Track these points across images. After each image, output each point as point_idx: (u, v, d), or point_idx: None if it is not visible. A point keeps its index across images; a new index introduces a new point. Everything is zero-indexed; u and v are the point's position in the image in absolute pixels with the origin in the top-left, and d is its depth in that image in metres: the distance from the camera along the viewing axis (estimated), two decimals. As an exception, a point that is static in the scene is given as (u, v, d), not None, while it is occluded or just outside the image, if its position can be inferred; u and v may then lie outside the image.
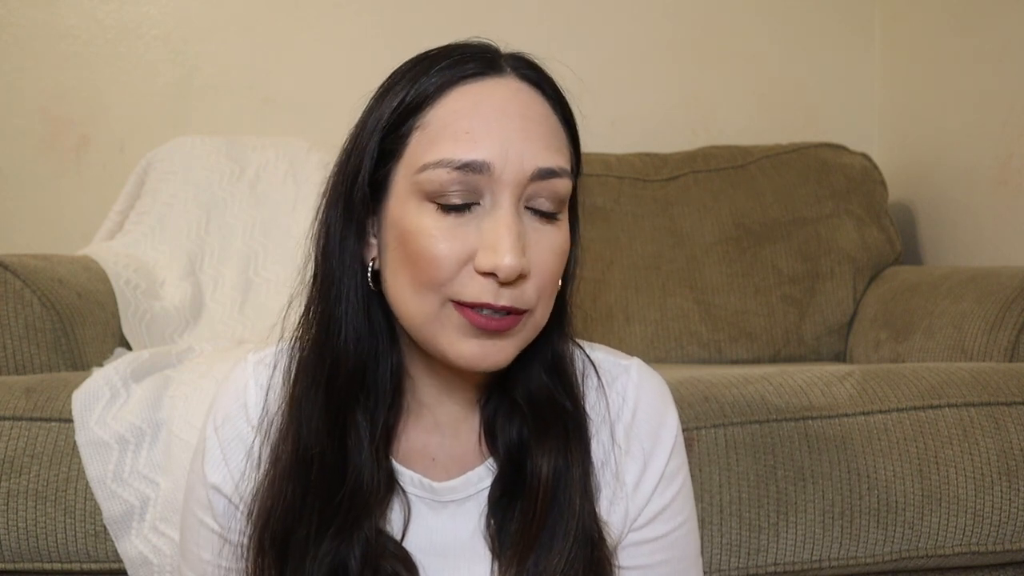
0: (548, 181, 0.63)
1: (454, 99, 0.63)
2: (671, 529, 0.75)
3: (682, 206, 1.79)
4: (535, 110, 0.64)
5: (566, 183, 0.64)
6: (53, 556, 0.98)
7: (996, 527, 0.98)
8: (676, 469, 0.75)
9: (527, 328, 0.65)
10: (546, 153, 0.63)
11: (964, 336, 1.35)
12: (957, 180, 1.82)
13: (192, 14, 2.01)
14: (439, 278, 0.62)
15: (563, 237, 0.65)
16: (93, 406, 1.01)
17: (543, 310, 0.65)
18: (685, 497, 0.76)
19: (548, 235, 0.64)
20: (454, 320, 0.62)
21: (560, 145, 0.65)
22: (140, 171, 1.72)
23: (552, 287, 0.65)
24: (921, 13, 1.96)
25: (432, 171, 0.61)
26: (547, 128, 0.64)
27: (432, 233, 0.61)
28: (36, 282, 1.23)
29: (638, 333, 1.70)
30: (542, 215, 0.64)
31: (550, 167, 0.63)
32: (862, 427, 0.99)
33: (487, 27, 2.38)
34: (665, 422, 0.74)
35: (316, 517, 0.66)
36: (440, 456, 0.72)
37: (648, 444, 0.73)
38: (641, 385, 0.74)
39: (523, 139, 0.62)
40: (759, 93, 2.12)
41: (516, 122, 0.62)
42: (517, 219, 0.62)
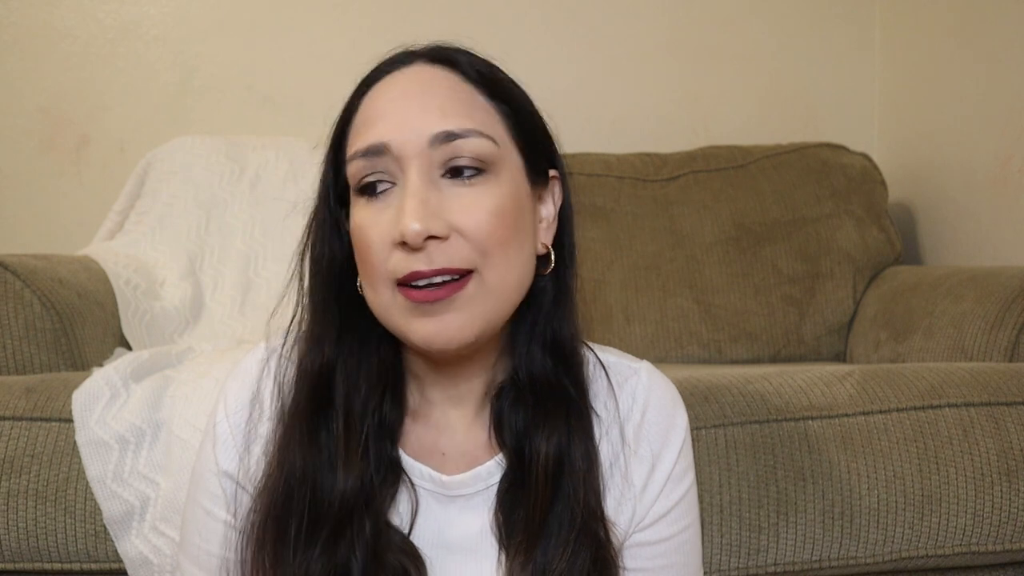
0: (451, 144, 0.64)
1: (367, 100, 0.68)
2: (675, 532, 0.75)
3: (682, 206, 1.79)
4: (437, 84, 0.66)
5: (479, 143, 0.65)
6: (53, 556, 0.98)
7: (996, 527, 0.98)
8: (683, 471, 0.75)
9: (480, 295, 0.64)
10: (443, 118, 0.64)
11: (964, 336, 1.35)
12: (957, 180, 1.82)
13: (192, 14, 2.01)
14: (378, 264, 0.64)
15: (496, 195, 0.65)
16: (93, 406, 1.01)
17: (499, 271, 0.65)
18: (691, 501, 0.76)
19: (473, 195, 0.64)
20: (401, 304, 0.64)
21: (468, 111, 0.66)
22: (140, 171, 1.72)
23: (500, 247, 0.64)
24: (921, 13, 1.96)
25: (350, 165, 0.66)
26: (449, 97, 0.66)
27: (363, 223, 0.65)
28: (36, 282, 1.23)
29: (638, 333, 1.70)
30: (460, 177, 0.65)
31: (446, 130, 0.64)
32: (862, 427, 0.99)
33: (487, 27, 2.38)
34: (675, 423, 0.75)
35: (303, 532, 0.67)
36: (450, 451, 0.72)
37: (657, 445, 0.74)
38: (651, 387, 0.75)
39: (419, 112, 0.65)
40: (759, 93, 2.12)
41: (414, 99, 0.65)
42: (423, 186, 0.63)
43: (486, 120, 0.67)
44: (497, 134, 0.67)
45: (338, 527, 0.67)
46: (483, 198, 0.64)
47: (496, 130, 0.67)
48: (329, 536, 0.67)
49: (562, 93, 2.06)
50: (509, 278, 0.65)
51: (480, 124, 0.66)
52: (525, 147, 0.69)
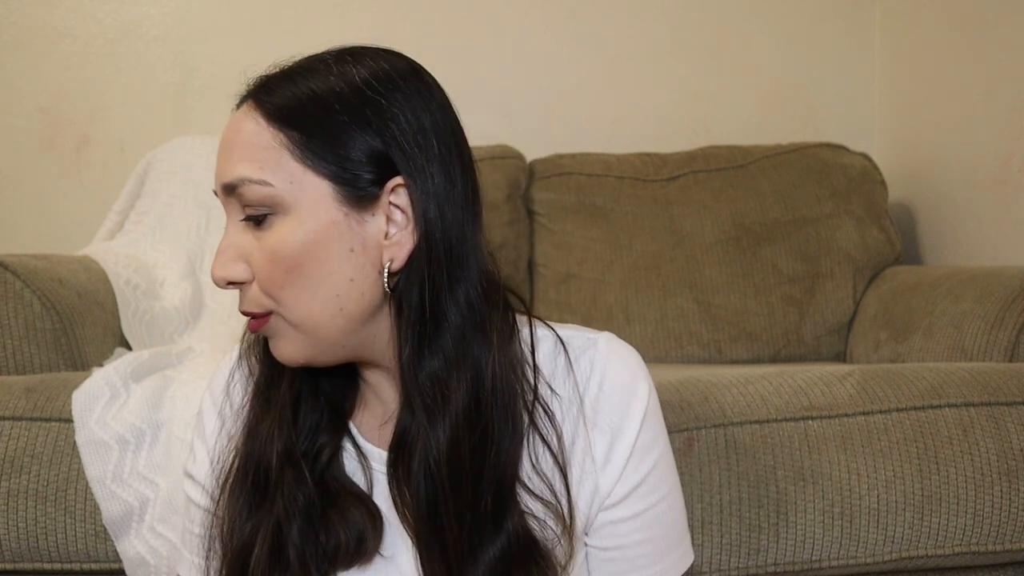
0: (236, 195, 0.66)
1: None
2: (649, 505, 0.73)
3: (682, 206, 1.79)
4: (239, 130, 0.68)
5: (252, 189, 0.65)
6: (53, 556, 0.98)
7: (996, 527, 0.98)
8: (650, 443, 0.73)
9: (288, 326, 0.68)
10: (227, 169, 0.67)
11: (964, 336, 1.35)
12: (957, 180, 1.82)
13: (192, 14, 2.01)
14: None
15: (278, 239, 0.66)
16: (93, 406, 1.01)
17: (295, 307, 0.67)
18: (663, 471, 0.74)
19: (260, 240, 0.67)
20: None
21: (249, 154, 0.66)
22: (140, 171, 1.72)
23: (280, 286, 0.66)
24: (921, 13, 1.96)
25: None
26: (238, 143, 0.67)
27: None
28: (36, 282, 1.23)
29: (638, 333, 1.70)
30: (252, 223, 0.67)
31: (228, 181, 0.67)
32: (862, 427, 0.99)
33: (487, 27, 2.38)
34: (636, 393, 0.72)
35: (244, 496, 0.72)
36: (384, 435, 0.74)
37: (616, 418, 0.72)
38: (608, 356, 0.73)
39: (220, 163, 0.68)
40: (759, 93, 2.12)
41: (221, 149, 0.68)
42: (232, 232, 0.68)
43: (266, 160, 0.65)
44: (277, 174, 0.65)
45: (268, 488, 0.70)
46: (265, 244, 0.66)
47: (277, 169, 0.65)
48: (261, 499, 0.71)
49: (562, 93, 2.06)
50: (306, 312, 0.67)
51: (255, 169, 0.65)
52: (333, 171, 0.65)
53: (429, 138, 0.67)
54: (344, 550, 0.70)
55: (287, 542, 0.69)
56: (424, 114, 0.68)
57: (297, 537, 0.69)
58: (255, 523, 0.70)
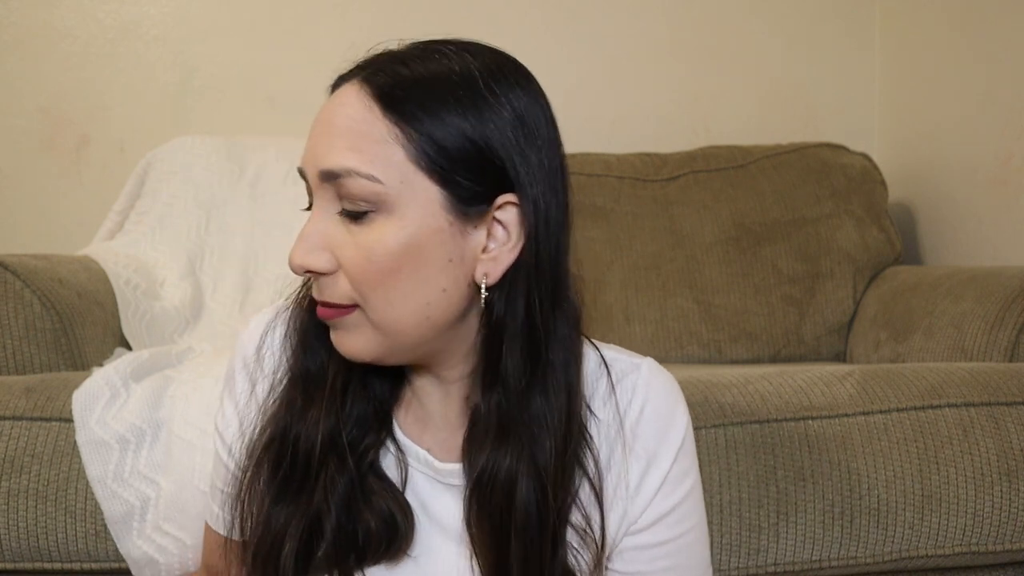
0: (336, 184, 0.63)
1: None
2: (676, 535, 0.73)
3: (682, 206, 1.79)
4: (344, 110, 0.63)
5: (358, 183, 0.61)
6: (53, 556, 0.98)
7: (996, 527, 0.98)
8: (683, 472, 0.73)
9: (366, 325, 0.65)
10: (331, 155, 0.62)
11: (964, 336, 1.35)
12: (957, 180, 1.82)
13: (192, 14, 2.01)
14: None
15: (380, 238, 0.62)
16: (93, 406, 1.01)
17: (382, 307, 0.63)
18: (694, 502, 0.74)
19: (356, 235, 0.63)
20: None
21: (359, 144, 0.62)
22: (140, 171, 1.72)
23: (374, 289, 0.63)
24: (921, 13, 1.96)
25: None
26: (346, 127, 0.63)
27: None
28: (36, 282, 1.23)
29: (638, 333, 1.70)
30: (351, 216, 0.63)
31: (328, 168, 0.62)
32: (862, 427, 0.99)
33: (487, 27, 2.38)
34: (674, 422, 0.72)
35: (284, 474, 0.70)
36: (434, 447, 0.73)
37: (653, 444, 0.71)
38: (651, 382, 0.73)
39: (316, 144, 0.64)
40: (759, 93, 2.12)
41: (322, 127, 0.65)
42: (318, 219, 0.64)
43: (377, 155, 0.62)
44: (388, 170, 0.62)
45: (309, 474, 0.69)
46: (363, 240, 0.63)
47: (388, 165, 0.62)
48: (300, 486, 0.69)
49: (562, 93, 2.04)
50: (395, 313, 0.64)
51: (364, 162, 0.61)
52: (446, 177, 0.62)
53: (541, 155, 0.66)
54: (375, 545, 0.69)
55: (323, 534, 0.69)
56: (539, 129, 0.66)
57: (333, 529, 0.68)
58: (290, 511, 0.69)
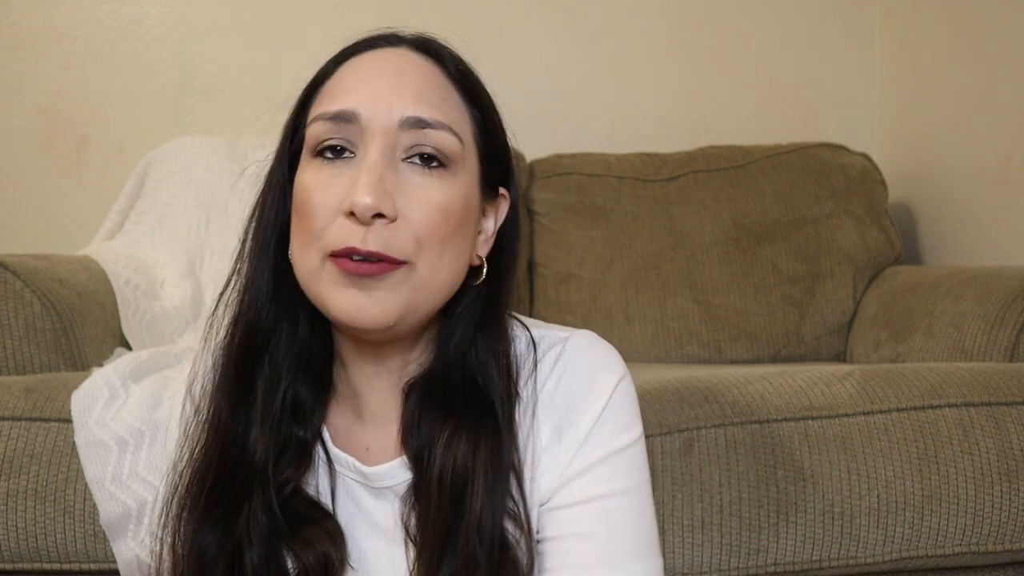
0: (422, 131, 0.64)
1: (344, 68, 0.69)
2: (590, 497, 0.67)
3: (682, 206, 1.79)
4: (417, 70, 0.66)
5: (447, 137, 0.64)
6: (52, 556, 0.98)
7: (996, 527, 0.98)
8: (608, 435, 0.69)
9: (409, 284, 0.63)
10: (417, 104, 0.64)
11: (964, 336, 1.35)
12: (957, 180, 1.82)
13: (192, 14, 2.01)
14: (315, 228, 0.63)
15: (451, 193, 0.65)
16: (92, 406, 1.01)
17: (431, 268, 0.64)
18: (624, 467, 0.69)
19: (428, 187, 0.64)
20: (330, 272, 0.63)
21: (441, 103, 0.66)
22: (140, 171, 1.72)
23: (438, 244, 0.64)
24: (921, 13, 1.96)
25: (313, 126, 0.66)
26: (427, 85, 0.66)
27: (311, 185, 0.64)
28: (36, 282, 1.23)
29: (638, 333, 1.70)
30: (421, 166, 0.64)
31: (419, 116, 0.64)
32: (862, 427, 0.99)
33: (487, 27, 2.38)
34: (593, 387, 0.70)
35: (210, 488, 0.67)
36: (373, 446, 0.72)
37: (570, 411, 0.69)
38: (573, 353, 0.71)
39: (394, 91, 0.64)
40: (759, 93, 2.12)
41: (391, 77, 0.65)
42: (383, 163, 0.63)
43: (457, 118, 0.67)
44: (464, 135, 0.67)
45: (237, 498, 0.67)
46: (436, 192, 0.64)
47: (464, 131, 0.67)
48: (227, 507, 0.67)
49: (562, 93, 2.06)
50: (439, 276, 0.65)
51: (452, 120, 0.66)
52: (485, 157, 0.69)
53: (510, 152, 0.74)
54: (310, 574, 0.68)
55: (246, 566, 0.67)
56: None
57: (257, 562, 0.67)
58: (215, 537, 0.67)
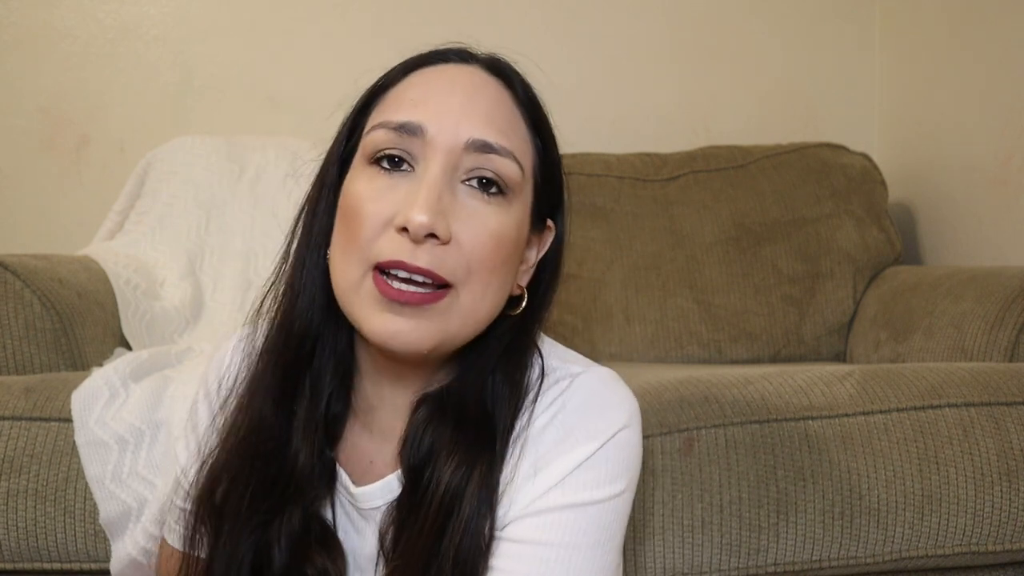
0: (486, 156, 0.62)
1: (413, 77, 0.67)
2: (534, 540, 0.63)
3: (682, 206, 1.79)
4: (488, 92, 0.65)
5: (509, 165, 0.63)
6: (53, 556, 0.98)
7: (996, 527, 0.98)
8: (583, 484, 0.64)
9: (449, 313, 0.62)
10: (486, 127, 0.63)
11: (964, 336, 1.35)
12: (957, 180, 1.82)
13: (192, 14, 2.01)
14: (363, 237, 0.61)
15: (505, 222, 0.63)
16: (92, 406, 1.01)
17: (475, 297, 0.62)
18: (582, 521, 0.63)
19: (484, 214, 0.62)
20: (369, 290, 0.61)
21: (508, 130, 0.65)
22: (140, 171, 1.72)
23: (487, 272, 0.62)
24: (921, 13, 1.96)
25: (373, 132, 0.64)
26: (496, 109, 0.65)
27: (363, 194, 0.63)
28: (36, 282, 1.23)
29: (638, 333, 1.70)
30: (481, 191, 0.63)
31: (486, 140, 0.62)
32: (862, 427, 0.99)
33: (487, 27, 2.37)
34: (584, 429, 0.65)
35: (249, 492, 0.66)
36: (376, 460, 0.70)
37: (549, 452, 0.65)
38: (575, 393, 0.67)
39: (463, 111, 0.63)
40: (759, 93, 2.12)
41: (461, 96, 0.64)
42: (442, 183, 0.61)
43: (521, 147, 0.66)
44: (525, 164, 0.66)
45: (278, 503, 0.66)
46: (492, 219, 0.63)
47: (526, 160, 0.66)
48: (268, 510, 0.66)
49: (562, 93, 2.04)
50: (482, 304, 0.64)
51: (516, 148, 0.65)
52: (540, 188, 0.69)
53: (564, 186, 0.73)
54: None
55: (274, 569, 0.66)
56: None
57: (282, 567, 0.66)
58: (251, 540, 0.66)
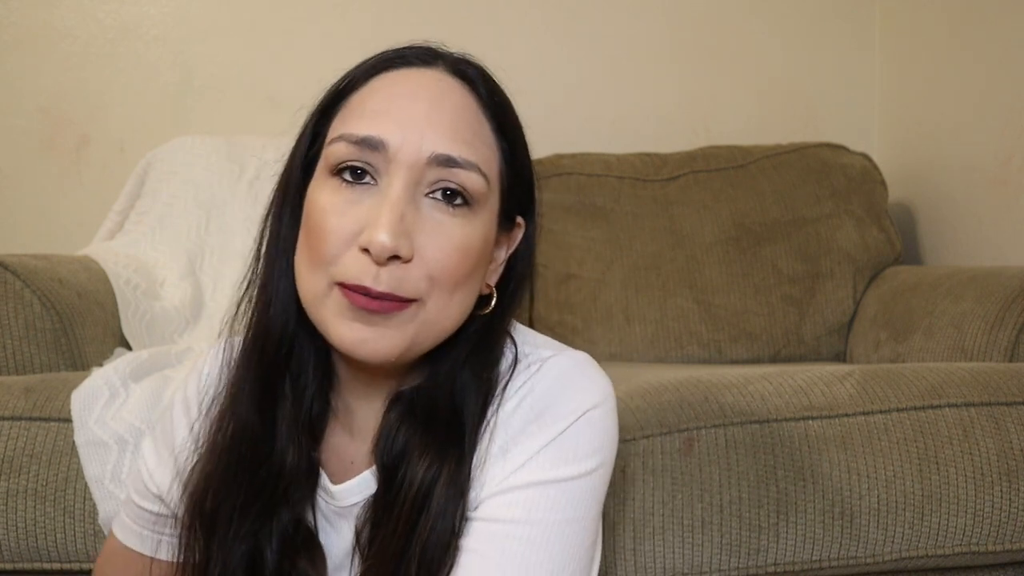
0: (449, 170, 0.61)
1: (376, 82, 0.64)
2: (499, 518, 0.63)
3: (682, 206, 1.79)
4: (452, 100, 0.63)
5: (474, 177, 0.62)
6: (52, 556, 0.98)
7: (996, 527, 0.98)
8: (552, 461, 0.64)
9: (416, 321, 0.62)
10: (450, 142, 0.61)
11: (964, 336, 1.35)
12: (957, 180, 1.82)
13: (192, 14, 2.01)
14: (326, 254, 0.61)
15: (470, 233, 0.62)
16: (92, 406, 1.01)
17: (441, 307, 0.62)
18: (550, 498, 0.63)
19: (448, 226, 0.61)
20: (337, 300, 0.61)
21: (473, 139, 0.63)
22: (140, 171, 1.72)
23: (452, 283, 0.62)
24: (921, 13, 1.96)
25: (335, 145, 0.62)
26: (461, 119, 0.63)
27: (326, 207, 0.62)
28: (36, 282, 1.23)
29: (638, 333, 1.70)
30: (445, 203, 0.61)
31: (450, 154, 0.61)
32: (862, 427, 0.99)
33: (487, 27, 2.37)
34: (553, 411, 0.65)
35: (241, 498, 0.66)
36: (357, 461, 0.70)
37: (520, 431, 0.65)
38: (544, 376, 0.67)
39: (426, 122, 0.61)
40: (759, 93, 2.12)
41: (424, 106, 0.62)
42: (404, 199, 0.60)
43: (487, 156, 0.64)
44: (491, 173, 0.64)
45: (268, 506, 0.66)
46: (456, 232, 0.62)
47: (491, 169, 0.64)
48: (259, 515, 0.66)
49: (562, 93, 2.06)
50: (449, 312, 0.63)
51: (481, 159, 0.63)
52: (507, 190, 0.67)
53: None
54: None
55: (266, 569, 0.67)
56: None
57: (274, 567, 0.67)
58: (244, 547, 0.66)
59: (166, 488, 0.74)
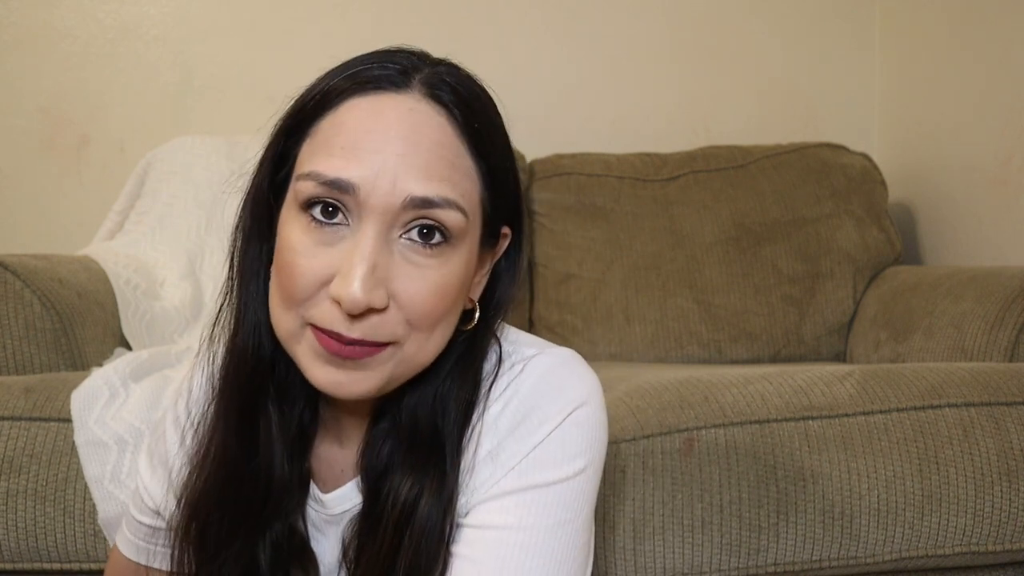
0: (427, 210, 0.58)
1: (346, 110, 0.61)
2: (492, 524, 0.62)
3: (682, 206, 1.79)
4: (427, 134, 0.59)
5: (452, 215, 0.59)
6: (52, 556, 0.98)
7: (996, 527, 0.98)
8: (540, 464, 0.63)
9: (394, 361, 0.60)
10: (425, 182, 0.58)
11: (964, 336, 1.35)
12: (957, 180, 1.82)
13: (192, 14, 2.01)
14: (299, 295, 0.59)
15: (449, 272, 0.60)
16: (92, 406, 1.01)
17: (419, 346, 0.60)
18: (542, 502, 0.62)
19: (426, 268, 0.59)
20: (310, 342, 0.60)
21: (451, 174, 0.59)
22: (140, 171, 1.72)
23: (430, 324, 0.60)
24: (921, 13, 1.96)
25: (304, 182, 0.59)
26: (436, 155, 0.59)
27: (297, 247, 0.59)
28: (36, 282, 1.23)
29: (638, 333, 1.70)
30: (422, 242, 0.59)
31: (425, 196, 0.57)
32: (862, 427, 0.99)
33: (487, 27, 2.37)
34: (539, 413, 0.64)
35: (232, 513, 0.66)
36: (347, 468, 0.70)
37: (508, 435, 0.64)
38: (527, 377, 0.66)
39: (401, 164, 0.57)
40: (759, 93, 2.12)
41: (398, 145, 0.58)
42: (378, 248, 0.57)
43: (465, 188, 0.60)
44: (471, 204, 0.61)
45: (260, 520, 0.66)
46: (433, 273, 0.59)
47: (471, 199, 0.61)
48: (251, 530, 0.66)
49: (562, 93, 2.06)
50: (427, 348, 0.62)
51: (459, 194, 0.59)
52: (490, 209, 0.64)
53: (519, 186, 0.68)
54: None
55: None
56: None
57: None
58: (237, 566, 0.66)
59: (161, 503, 0.74)
